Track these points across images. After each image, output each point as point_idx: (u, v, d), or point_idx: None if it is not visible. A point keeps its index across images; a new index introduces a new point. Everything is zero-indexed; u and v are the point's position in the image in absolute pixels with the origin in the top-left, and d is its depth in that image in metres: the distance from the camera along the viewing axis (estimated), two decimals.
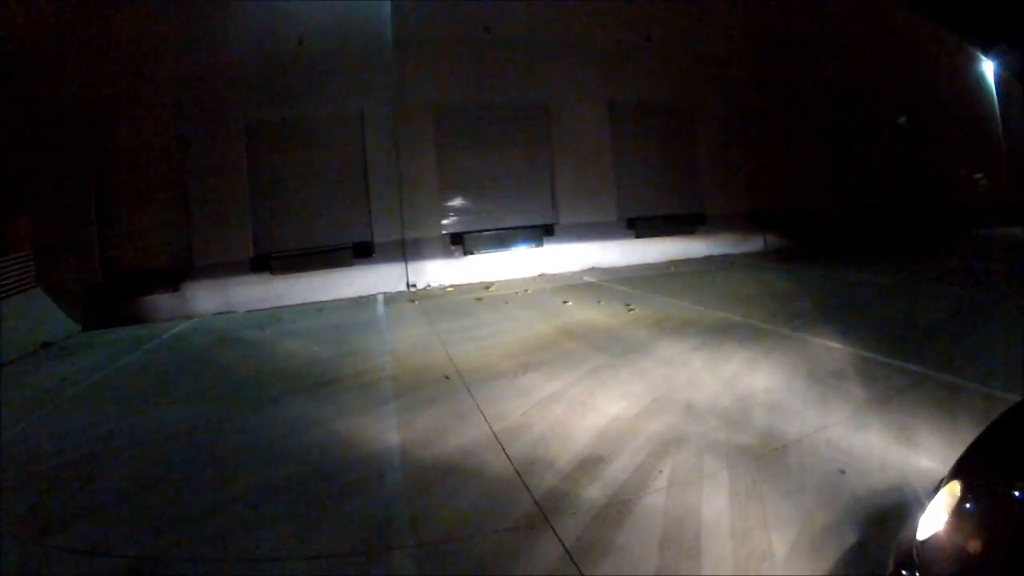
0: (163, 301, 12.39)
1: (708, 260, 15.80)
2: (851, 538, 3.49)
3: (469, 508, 4.11)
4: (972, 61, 28.68)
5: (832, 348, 7.21)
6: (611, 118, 15.85)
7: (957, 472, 2.51)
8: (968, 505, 2.26)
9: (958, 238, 18.95)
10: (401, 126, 14.01)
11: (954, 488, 2.37)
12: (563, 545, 3.60)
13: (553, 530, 3.77)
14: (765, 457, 4.55)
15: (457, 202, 14.60)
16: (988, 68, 29.22)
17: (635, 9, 15.90)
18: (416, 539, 3.79)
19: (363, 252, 13.72)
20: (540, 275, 14.69)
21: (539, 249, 15.19)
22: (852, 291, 11.07)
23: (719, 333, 8.26)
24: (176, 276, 12.59)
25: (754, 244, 17.20)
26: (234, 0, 13.14)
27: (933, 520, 2.31)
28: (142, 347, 9.73)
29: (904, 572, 2.26)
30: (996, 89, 29.73)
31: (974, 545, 2.10)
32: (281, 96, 13.31)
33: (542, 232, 15.28)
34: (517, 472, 4.57)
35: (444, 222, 14.50)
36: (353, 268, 13.59)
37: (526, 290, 12.71)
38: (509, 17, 14.76)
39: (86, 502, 4.52)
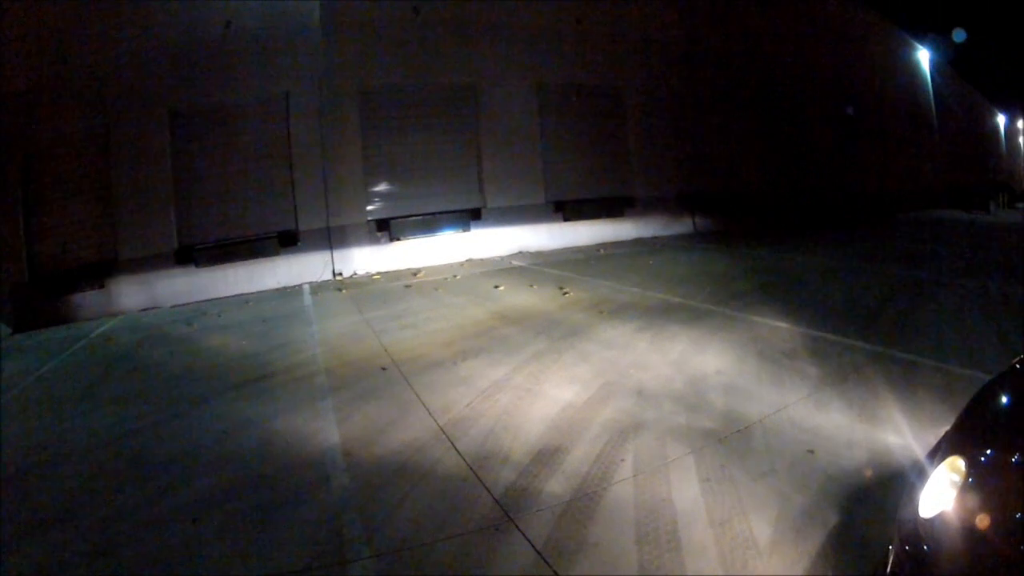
0: (90, 299, 11.46)
1: (637, 243, 15.85)
2: (833, 518, 3.35)
3: (426, 511, 3.74)
4: (907, 48, 30.08)
5: (778, 327, 7.21)
6: (539, 101, 15.61)
7: (951, 448, 2.40)
8: (975, 480, 2.16)
9: (889, 220, 19.84)
10: (326, 111, 13.33)
11: (956, 463, 2.26)
12: (533, 547, 3.30)
13: (520, 531, 3.46)
14: (729, 440, 4.39)
15: (383, 187, 14.02)
16: (924, 56, 30.70)
17: None
18: (373, 549, 3.39)
19: (288, 241, 13.03)
20: (468, 260, 14.34)
21: (466, 234, 14.82)
22: (787, 271, 11.27)
23: (660, 314, 8.16)
24: (102, 272, 11.70)
25: (683, 226, 17.41)
26: None
27: (936, 497, 2.20)
28: (70, 349, 8.89)
29: (911, 550, 2.14)
30: (931, 77, 31.31)
31: (987, 519, 1.98)
32: (207, 82, 12.44)
33: (469, 216, 14.91)
34: (471, 468, 4.23)
35: (370, 208, 13.91)
36: (278, 258, 12.89)
37: (455, 276, 12.35)
38: (439, 2, 14.30)
39: (10, 525, 3.87)
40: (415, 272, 13.05)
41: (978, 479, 2.16)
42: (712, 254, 13.40)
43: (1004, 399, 2.69)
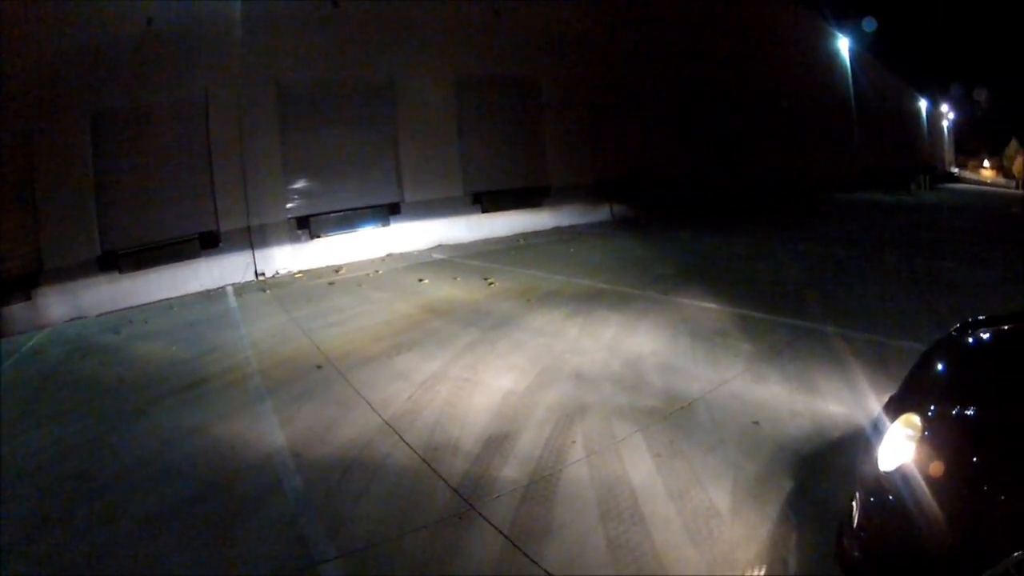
0: (17, 313, 10.58)
1: (556, 232, 15.99)
2: (788, 484, 3.49)
3: (385, 506, 3.65)
4: (827, 35, 31.42)
5: (706, 308, 7.45)
6: (457, 93, 15.46)
7: (902, 407, 2.57)
8: (931, 432, 2.31)
9: (810, 203, 20.83)
10: (245, 109, 12.72)
11: (911, 419, 2.42)
12: (501, 532, 3.28)
13: (484, 518, 3.43)
14: (674, 416, 4.50)
15: (302, 184, 13.53)
16: (843, 44, 32.17)
17: None
18: (339, 549, 3.27)
19: (210, 242, 12.41)
20: (388, 255, 14.08)
21: (386, 228, 14.55)
22: (708, 254, 11.69)
23: (588, 300, 8.27)
24: (28, 284, 10.87)
25: (601, 214, 17.70)
26: None
27: (894, 451, 2.34)
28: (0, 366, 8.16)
29: (876, 502, 2.29)
30: (851, 63, 32.81)
31: (946, 467, 2.13)
32: (128, 82, 11.65)
33: (388, 211, 14.62)
34: (424, 460, 4.15)
35: (289, 206, 13.42)
36: (200, 260, 12.28)
37: (377, 271, 12.10)
38: None
39: None
40: (337, 269, 12.70)
41: (934, 432, 2.31)
42: (632, 240, 13.70)
43: (946, 361, 2.90)
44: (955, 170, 61.58)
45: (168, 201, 12.07)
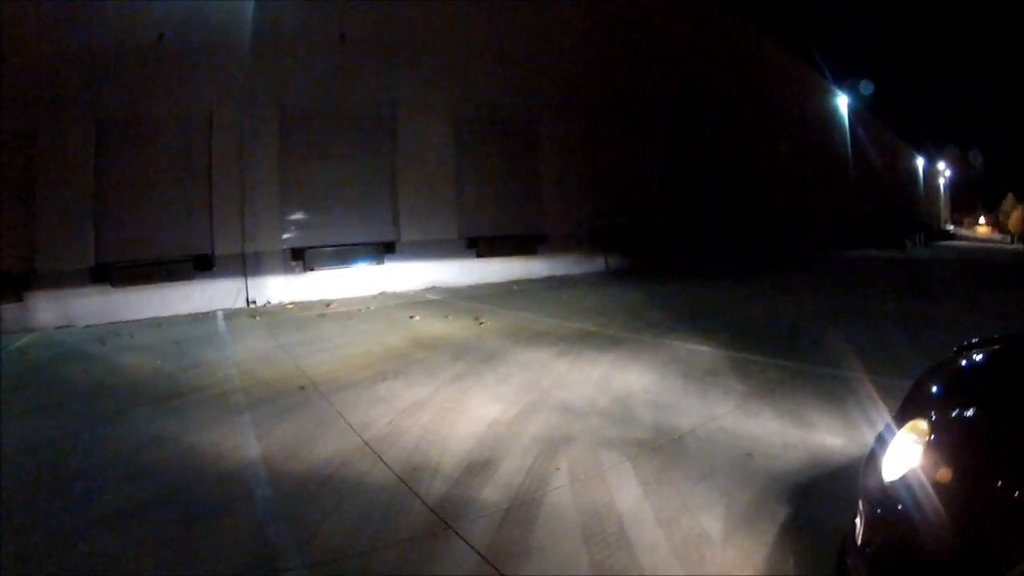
0: (7, 312, 10.68)
1: (550, 280, 15.94)
2: (783, 511, 3.32)
3: (358, 521, 3.46)
4: (825, 93, 32.13)
5: (698, 350, 7.33)
6: (456, 134, 15.66)
7: (907, 416, 2.46)
8: (938, 437, 2.21)
9: (803, 259, 20.98)
10: (247, 133, 12.87)
11: (917, 425, 2.31)
12: (477, 551, 3.09)
13: (460, 536, 3.23)
14: (664, 449, 4.34)
15: (299, 215, 13.57)
16: (842, 102, 32.90)
17: (486, 28, 15.92)
18: (306, 559, 3.08)
19: (203, 265, 12.41)
20: (381, 293, 13.98)
21: (380, 267, 14.50)
22: (702, 303, 11.61)
23: (578, 341, 8.15)
24: (20, 284, 10.98)
25: (596, 265, 17.69)
26: None
27: (901, 459, 2.23)
28: None
29: (882, 513, 2.16)
30: (849, 121, 33.50)
31: (955, 472, 2.01)
32: (136, 93, 11.83)
33: (383, 249, 14.61)
34: (401, 480, 3.97)
35: (285, 236, 13.41)
36: (193, 283, 12.26)
37: (369, 307, 11.98)
38: (364, 26, 14.14)
39: None
40: (328, 303, 12.57)
41: (941, 436, 2.20)
42: (626, 289, 13.65)
43: (951, 372, 2.82)
44: (950, 227, 62.44)
45: (165, 219, 12.14)
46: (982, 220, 69.37)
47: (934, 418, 2.30)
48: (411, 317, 10.59)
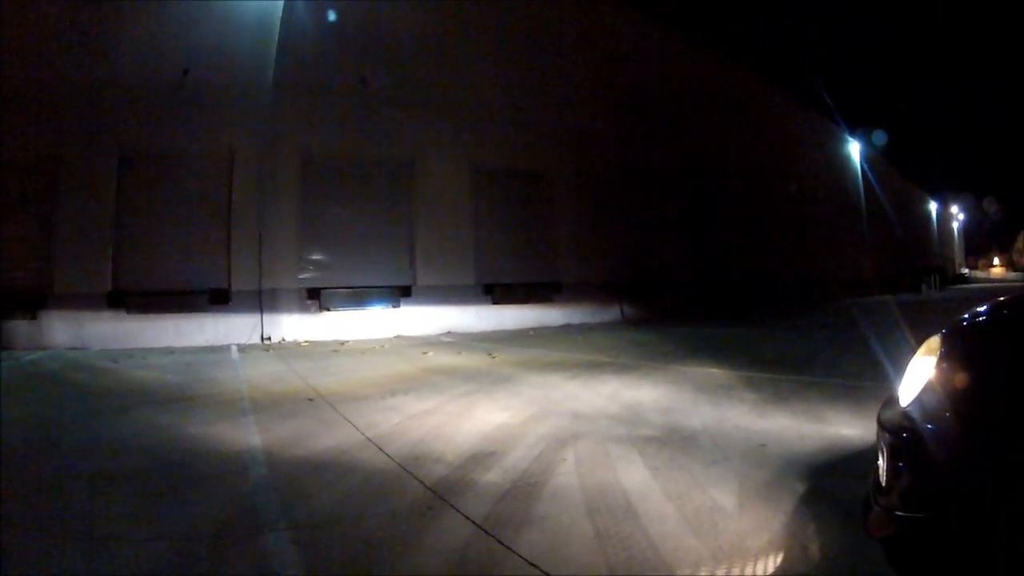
0: (21, 329, 11.04)
1: (565, 328, 15.75)
2: (800, 486, 3.14)
3: (350, 496, 3.37)
4: (839, 140, 32.34)
5: (710, 371, 7.22)
6: (473, 182, 15.84)
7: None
8: (950, 345, 2.10)
9: (816, 304, 20.82)
10: (268, 170, 13.16)
11: (931, 343, 2.18)
12: (472, 521, 2.93)
13: (456, 509, 3.09)
14: (674, 443, 4.18)
15: (317, 255, 13.68)
16: (855, 148, 33.03)
17: (503, 82, 16.31)
18: (290, 522, 2.98)
19: (220, 299, 12.56)
20: (396, 336, 13.91)
21: (396, 310, 14.47)
22: (715, 340, 11.56)
23: (590, 368, 8.09)
24: (35, 303, 11.32)
25: (611, 313, 17.52)
26: (128, 18, 12.14)
27: (915, 382, 2.11)
28: None
29: (906, 436, 2.01)
30: (862, 167, 33.57)
31: (968, 378, 1.92)
32: (159, 126, 12.27)
33: (400, 293, 14.61)
34: (401, 466, 3.84)
35: (302, 275, 13.51)
36: (208, 316, 12.40)
37: (383, 346, 11.94)
38: (385, 74, 14.59)
39: None
40: (343, 342, 12.54)
41: (953, 344, 2.10)
42: (640, 333, 13.48)
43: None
44: (965, 270, 61.76)
45: (183, 250, 12.33)
46: (996, 261, 68.71)
47: (948, 331, 2.19)
48: (424, 352, 10.54)
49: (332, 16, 13.87)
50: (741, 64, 24.21)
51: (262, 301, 12.83)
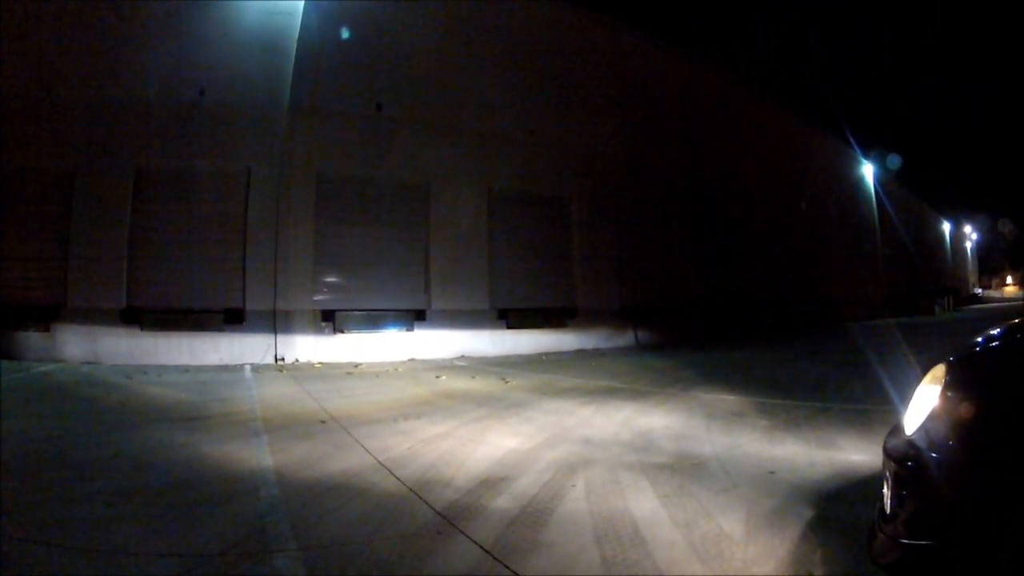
0: (34, 340, 11.17)
1: (580, 353, 15.73)
2: (808, 512, 3.14)
3: (359, 518, 3.40)
4: (852, 162, 32.28)
5: (724, 398, 7.20)
6: (489, 206, 15.94)
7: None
8: (955, 374, 2.12)
9: (830, 328, 20.69)
10: (284, 193, 13.31)
11: (936, 372, 2.21)
12: (481, 547, 2.96)
13: (464, 534, 3.12)
14: (685, 470, 4.19)
15: (331, 278, 13.80)
16: (868, 170, 32.92)
17: (520, 103, 16.52)
18: (300, 543, 3.02)
19: (234, 319, 12.64)
20: (410, 359, 13.96)
21: (410, 333, 14.52)
22: (730, 365, 11.51)
23: (604, 393, 8.07)
24: (49, 316, 11.45)
25: (625, 339, 17.48)
26: (145, 37, 12.43)
27: (920, 410, 2.15)
28: (9, 376, 8.80)
29: (911, 464, 2.04)
30: (876, 190, 33.44)
31: (973, 407, 1.93)
32: (175, 145, 12.47)
33: (414, 316, 14.67)
34: (411, 490, 3.87)
35: (317, 298, 13.61)
36: (223, 335, 12.46)
37: (397, 369, 11.99)
38: (401, 97, 14.79)
39: None
40: (356, 365, 12.62)
41: (958, 373, 2.12)
42: (655, 358, 13.46)
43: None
44: (979, 291, 61.08)
45: (199, 269, 12.43)
46: (1009, 280, 68.03)
47: (952, 360, 2.21)
48: (437, 376, 10.60)
49: (348, 38, 14.10)
50: (757, 89, 24.34)
51: (276, 322, 12.92)
